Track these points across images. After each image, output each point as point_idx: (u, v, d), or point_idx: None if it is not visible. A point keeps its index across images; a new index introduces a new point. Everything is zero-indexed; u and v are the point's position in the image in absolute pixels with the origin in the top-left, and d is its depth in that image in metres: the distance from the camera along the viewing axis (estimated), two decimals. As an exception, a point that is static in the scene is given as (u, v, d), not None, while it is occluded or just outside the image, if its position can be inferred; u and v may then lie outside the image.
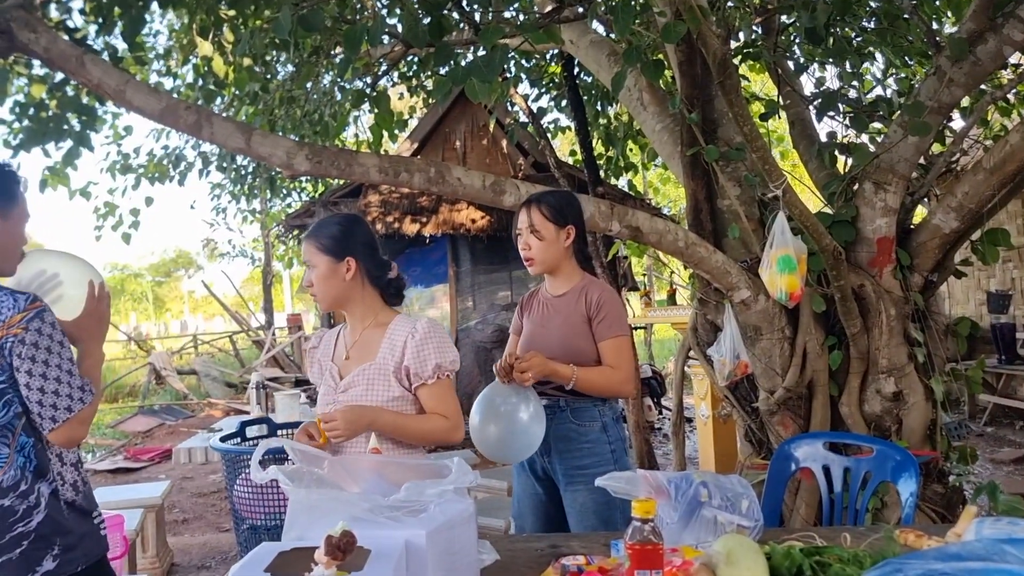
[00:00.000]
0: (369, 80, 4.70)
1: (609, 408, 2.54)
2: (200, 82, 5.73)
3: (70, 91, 4.75)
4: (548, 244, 2.55)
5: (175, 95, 6.79)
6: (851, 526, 2.27)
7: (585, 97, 6.07)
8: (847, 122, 3.97)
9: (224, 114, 5.98)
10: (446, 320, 8.55)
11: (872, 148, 3.82)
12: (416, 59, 5.54)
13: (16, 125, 5.18)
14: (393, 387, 2.04)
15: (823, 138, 4.16)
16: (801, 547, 1.46)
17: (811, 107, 4.22)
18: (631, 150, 6.90)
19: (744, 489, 1.75)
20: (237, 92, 5.77)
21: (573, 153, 7.09)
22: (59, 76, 4.81)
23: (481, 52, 2.76)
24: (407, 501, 1.37)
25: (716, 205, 3.82)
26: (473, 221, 7.03)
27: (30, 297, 1.84)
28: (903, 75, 4.82)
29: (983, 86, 3.75)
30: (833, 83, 4.93)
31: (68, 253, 2.07)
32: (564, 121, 7.09)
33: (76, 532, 1.89)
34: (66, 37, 3.67)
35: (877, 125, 4.24)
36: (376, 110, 4.32)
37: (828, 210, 3.76)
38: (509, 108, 7.09)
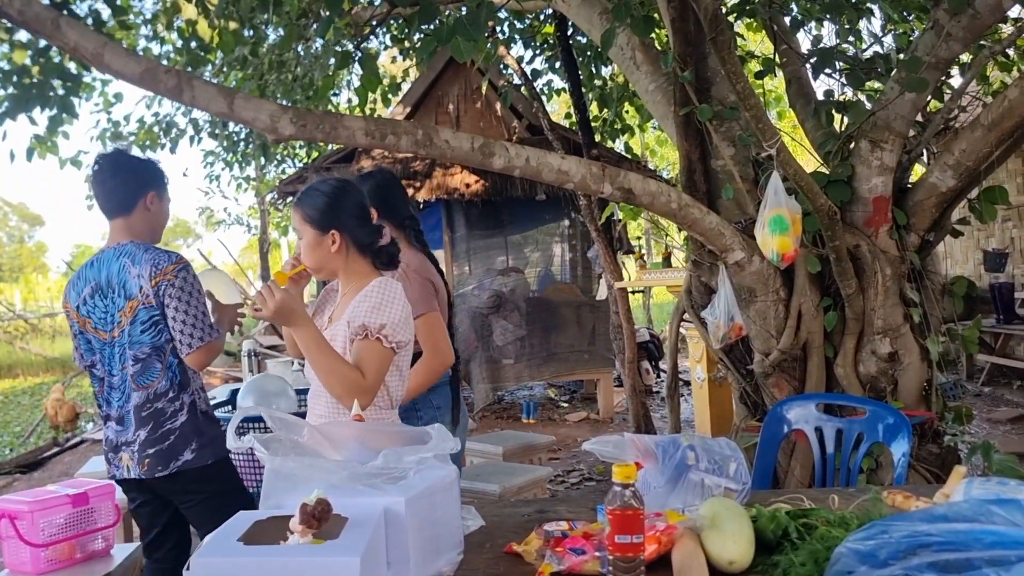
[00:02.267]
0: (356, 42, 4.61)
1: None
2: (186, 47, 5.63)
3: (55, 57, 4.67)
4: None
5: (164, 61, 6.70)
6: (842, 488, 2.26)
7: (579, 58, 5.97)
8: (844, 79, 3.89)
9: (214, 80, 5.90)
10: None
11: (869, 106, 3.76)
12: (405, 20, 5.43)
13: (1, 93, 5.10)
14: (347, 347, 2.00)
15: (820, 97, 4.09)
16: (787, 510, 1.44)
17: (808, 65, 4.15)
18: (627, 112, 6.82)
19: (732, 452, 1.72)
20: (225, 57, 5.67)
21: (569, 116, 7.01)
22: (43, 42, 4.73)
23: (465, 11, 2.70)
24: (386, 468, 1.34)
25: (710, 166, 3.76)
26: (467, 186, 6.96)
27: (179, 255, 2.50)
28: (901, 31, 4.73)
29: (982, 41, 3.67)
30: (830, 39, 4.84)
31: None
32: (558, 83, 6.99)
33: (208, 434, 2.49)
34: (45, 1, 3.60)
35: (877, 84, 4.17)
36: (362, 71, 4.23)
37: (824, 170, 3.70)
38: (502, 71, 6.99)
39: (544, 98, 6.84)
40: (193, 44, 5.44)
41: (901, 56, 3.67)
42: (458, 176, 7.00)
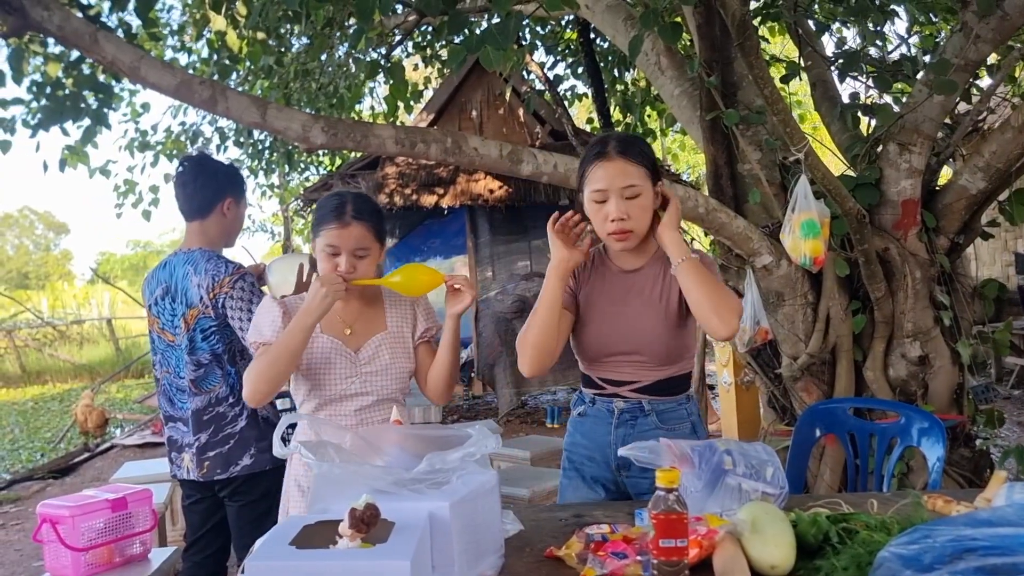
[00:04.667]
0: (383, 51, 4.65)
1: (694, 403, 2.17)
2: (214, 57, 5.71)
3: (86, 69, 4.75)
4: (647, 207, 1.98)
5: (190, 71, 6.78)
6: (877, 492, 2.25)
7: (601, 64, 5.99)
8: (870, 82, 3.88)
9: (239, 89, 5.97)
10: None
11: (896, 108, 3.74)
12: (431, 28, 5.48)
13: (34, 104, 5.19)
14: (411, 355, 2.13)
15: (845, 99, 4.07)
16: (827, 514, 1.45)
17: (833, 68, 4.14)
18: (648, 116, 6.82)
19: (769, 456, 1.73)
20: (252, 66, 5.75)
21: (590, 121, 7.03)
22: (75, 54, 4.81)
23: (495, 19, 2.72)
24: (430, 472, 1.36)
25: (736, 170, 3.76)
26: (491, 191, 6.99)
27: (237, 265, 2.54)
28: (927, 32, 4.71)
29: (1011, 42, 3.65)
30: (855, 42, 4.83)
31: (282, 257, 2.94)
32: (580, 88, 7.01)
33: (267, 439, 2.49)
34: (79, 14, 3.66)
35: (900, 85, 4.14)
36: (391, 80, 4.27)
37: (851, 173, 3.69)
38: (525, 76, 7.02)
39: (566, 103, 6.85)
40: (221, 54, 5.51)
41: (928, 58, 3.65)
42: (482, 182, 7.04)
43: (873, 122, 3.71)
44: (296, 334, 1.91)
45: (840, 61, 4.01)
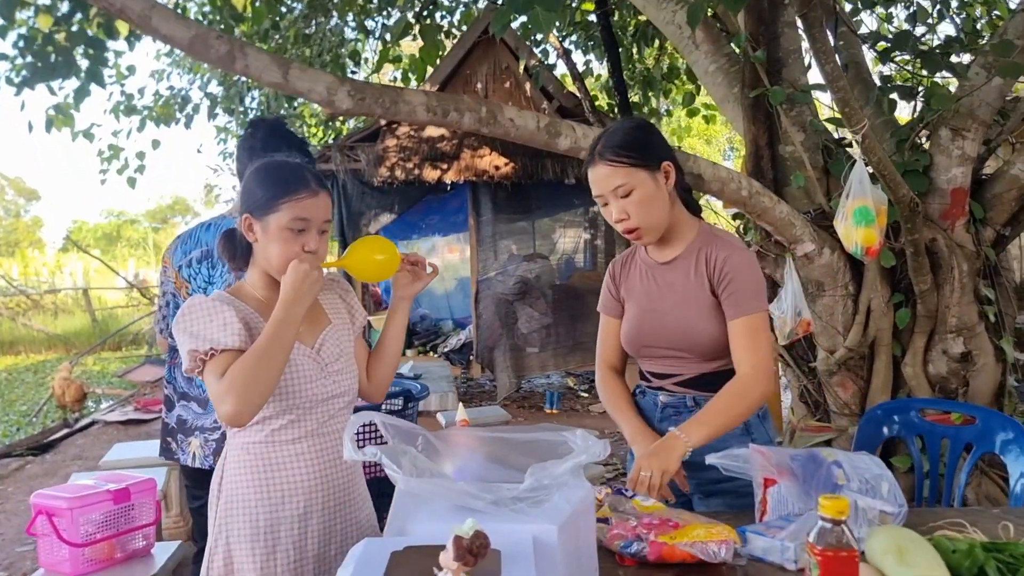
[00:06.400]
0: (417, 11, 4.38)
1: None
2: (217, 17, 5.42)
3: (76, 25, 4.45)
4: (648, 199, 1.92)
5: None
6: (973, 508, 2.09)
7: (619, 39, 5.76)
8: (919, 62, 3.69)
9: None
10: (465, 269, 8.31)
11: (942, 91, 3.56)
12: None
13: (19, 61, 4.89)
14: (356, 344, 1.86)
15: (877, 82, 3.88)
16: (981, 542, 1.26)
17: (873, 48, 3.95)
18: (651, 95, 6.60)
19: (880, 470, 1.55)
20: (254, 28, 5.46)
21: (595, 99, 6.79)
22: (65, 7, 4.51)
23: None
24: (535, 490, 1.16)
25: (778, 152, 3.57)
26: (496, 168, 6.74)
27: None
28: (963, 14, 4.52)
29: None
30: (871, 24, 4.63)
31: None
32: (594, 65, 6.78)
33: None
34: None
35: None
36: (423, 41, 4.01)
37: (892, 158, 3.51)
38: (534, 49, 6.76)
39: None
40: (225, 12, 5.21)
41: (983, 40, 3.47)
42: (487, 158, 6.79)
43: (908, 106, 3.54)
44: (288, 327, 1.58)
45: (879, 43, 3.82)
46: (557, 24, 4.15)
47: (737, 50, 3.55)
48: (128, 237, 40.54)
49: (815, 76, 3.48)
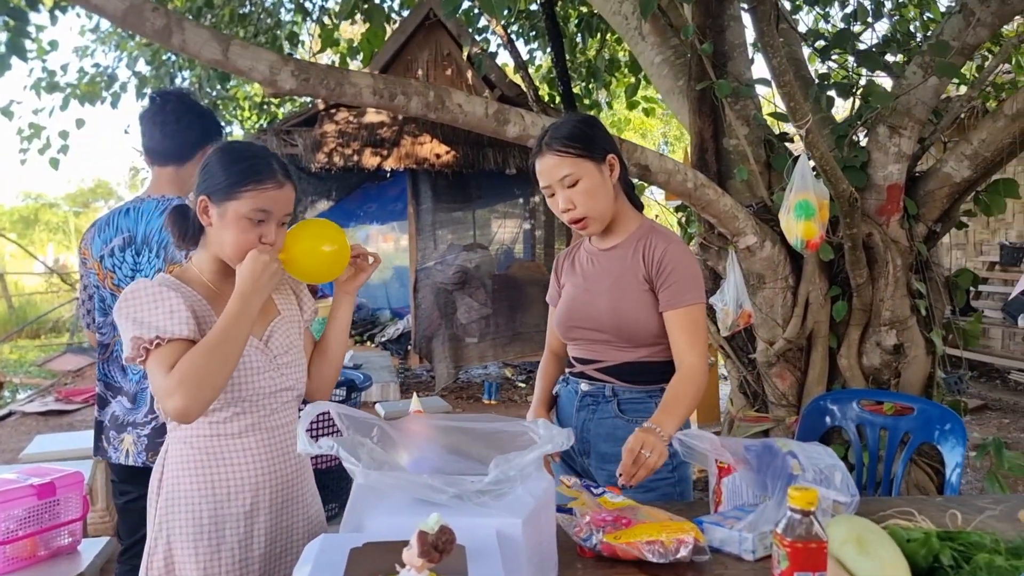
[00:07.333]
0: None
1: None
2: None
3: (-4, -6, 4.22)
4: (594, 189, 1.94)
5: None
6: (917, 497, 2.13)
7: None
8: (856, 61, 3.76)
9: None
10: (402, 259, 8.21)
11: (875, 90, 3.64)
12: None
13: (-68, 31, 4.61)
14: (304, 337, 1.77)
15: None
16: (936, 532, 1.28)
17: (811, 46, 4.02)
18: (592, 87, 6.61)
19: (833, 460, 1.56)
20: (187, 5, 5.25)
21: (537, 90, 6.77)
22: (-16, -25, 4.27)
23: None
24: (499, 482, 1.12)
25: (722, 145, 3.60)
26: (437, 156, 6.65)
27: None
28: (896, 15, 4.65)
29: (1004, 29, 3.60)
30: (807, 23, 4.73)
31: None
32: (537, 55, 6.74)
33: None
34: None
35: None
36: (370, 23, 3.90)
37: (832, 154, 3.58)
38: (476, 37, 6.69)
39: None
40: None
41: (917, 40, 3.56)
42: (428, 145, 6.69)
43: (847, 104, 3.61)
44: (244, 320, 1.50)
45: (819, 40, 3.89)
46: (507, 10, 4.11)
47: (684, 42, 3.56)
48: (47, 221, 38.91)
49: (759, 71, 3.53)
